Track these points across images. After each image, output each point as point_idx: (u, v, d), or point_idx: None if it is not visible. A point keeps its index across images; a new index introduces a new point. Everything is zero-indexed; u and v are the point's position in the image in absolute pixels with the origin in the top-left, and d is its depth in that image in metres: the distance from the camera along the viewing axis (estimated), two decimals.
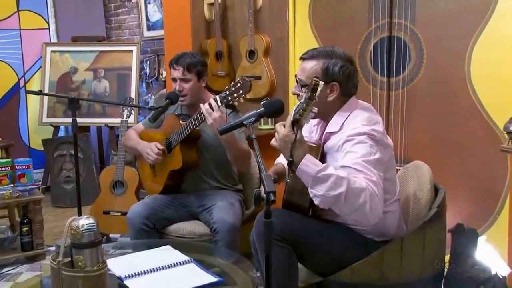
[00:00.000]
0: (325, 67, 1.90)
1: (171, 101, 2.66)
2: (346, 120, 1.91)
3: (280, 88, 3.69)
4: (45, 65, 4.94)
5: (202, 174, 2.73)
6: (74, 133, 2.68)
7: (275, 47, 3.69)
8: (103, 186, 3.60)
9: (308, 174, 1.71)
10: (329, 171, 1.69)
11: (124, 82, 4.86)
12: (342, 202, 1.68)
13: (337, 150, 1.85)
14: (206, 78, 2.72)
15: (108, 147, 5.19)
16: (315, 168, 1.70)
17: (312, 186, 1.72)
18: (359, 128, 1.82)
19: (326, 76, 1.89)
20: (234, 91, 2.19)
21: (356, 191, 1.67)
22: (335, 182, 1.67)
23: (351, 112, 1.93)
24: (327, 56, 1.91)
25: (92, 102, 4.86)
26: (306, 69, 1.93)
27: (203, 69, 2.69)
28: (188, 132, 2.52)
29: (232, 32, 3.95)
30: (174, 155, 2.65)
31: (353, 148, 1.78)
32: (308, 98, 1.64)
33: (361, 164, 1.74)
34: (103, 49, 4.97)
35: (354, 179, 1.69)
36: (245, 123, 1.84)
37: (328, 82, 1.88)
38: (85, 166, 4.72)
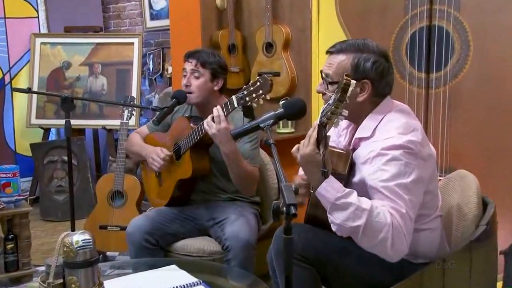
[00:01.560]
0: (356, 62, 1.90)
1: (178, 101, 2.68)
2: (379, 125, 1.91)
3: (302, 86, 3.69)
4: (34, 59, 5.00)
5: (213, 183, 2.75)
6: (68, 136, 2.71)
7: (296, 39, 3.70)
8: (99, 197, 3.63)
9: (327, 200, 1.75)
10: (350, 199, 1.73)
11: (124, 78, 4.90)
12: (360, 235, 1.72)
13: (365, 162, 1.85)
14: (221, 82, 2.74)
15: (106, 152, 5.23)
16: (335, 194, 1.74)
17: (330, 212, 1.76)
18: (394, 139, 1.81)
19: (357, 72, 1.89)
20: (252, 91, 2.20)
21: (378, 225, 1.70)
22: (355, 213, 1.70)
23: (385, 115, 1.92)
24: (357, 50, 1.92)
25: (87, 101, 4.91)
26: (333, 64, 1.93)
27: (220, 70, 2.71)
28: (199, 137, 2.53)
29: (247, 22, 3.97)
30: (183, 163, 2.67)
31: (385, 166, 1.79)
32: (338, 100, 1.64)
33: (391, 189, 1.75)
34: (100, 41, 5.02)
35: (378, 211, 1.71)
36: (262, 126, 1.84)
37: (358, 79, 1.88)
38: (79, 174, 4.76)
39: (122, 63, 4.94)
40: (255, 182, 2.66)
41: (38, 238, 4.15)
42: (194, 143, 2.58)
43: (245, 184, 2.61)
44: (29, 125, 4.96)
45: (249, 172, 2.57)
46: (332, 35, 3.33)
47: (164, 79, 5.20)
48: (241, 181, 2.58)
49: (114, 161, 4.20)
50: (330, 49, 1.98)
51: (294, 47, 3.72)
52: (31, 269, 3.32)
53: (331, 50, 1.98)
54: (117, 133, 4.82)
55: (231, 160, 2.49)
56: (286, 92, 3.68)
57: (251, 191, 2.70)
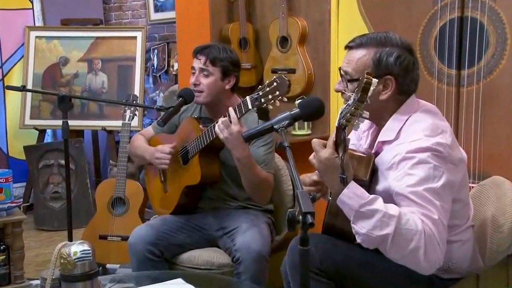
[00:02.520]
0: (377, 57, 1.90)
1: (184, 100, 2.68)
2: (403, 126, 1.91)
3: (319, 84, 3.69)
4: (28, 54, 5.03)
5: (223, 190, 2.76)
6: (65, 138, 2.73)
7: (313, 32, 3.69)
8: (99, 205, 3.64)
9: (350, 207, 1.75)
10: (376, 205, 1.72)
11: (126, 76, 4.93)
12: (389, 245, 1.71)
13: (390, 167, 1.85)
14: (233, 81, 2.74)
15: (106, 156, 5.26)
16: (359, 201, 1.73)
17: (354, 221, 1.76)
18: (421, 141, 1.81)
19: (379, 68, 1.89)
20: (268, 92, 2.20)
21: (408, 233, 1.69)
22: (382, 221, 1.70)
23: (410, 115, 1.92)
24: (379, 44, 1.92)
25: (86, 100, 4.93)
26: (353, 60, 1.94)
27: (232, 68, 2.71)
28: (209, 140, 2.54)
29: (260, 15, 3.97)
30: (191, 168, 2.68)
31: (412, 170, 1.78)
32: (358, 100, 1.64)
33: (420, 194, 1.75)
34: (100, 35, 5.05)
35: (407, 218, 1.70)
36: (276, 127, 1.85)
37: (381, 76, 1.89)
38: (77, 179, 4.78)
39: (123, 59, 4.96)
40: (269, 189, 2.66)
41: (32, 249, 4.17)
42: (203, 147, 2.58)
43: (259, 191, 2.61)
44: (22, 126, 4.99)
45: (263, 179, 2.57)
46: (353, 28, 3.33)
47: (170, 76, 5.22)
48: (254, 189, 2.59)
49: (115, 165, 4.22)
50: (349, 44, 1.99)
51: (311, 41, 3.72)
52: (24, 283, 3.32)
53: (351, 45, 1.98)
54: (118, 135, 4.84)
55: (243, 166, 2.49)
56: (302, 90, 3.68)
57: (264, 200, 2.70)
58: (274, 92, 2.19)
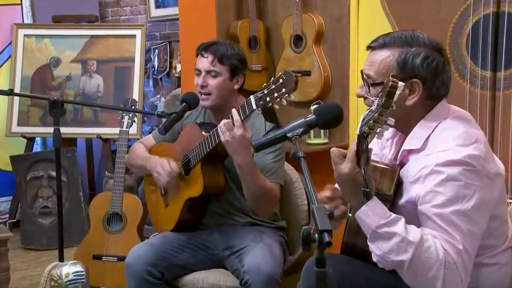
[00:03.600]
0: (403, 58, 1.90)
1: (188, 106, 2.69)
2: (432, 134, 1.91)
3: (338, 87, 3.68)
4: (16, 54, 5.05)
5: (230, 203, 2.76)
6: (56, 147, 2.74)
7: (331, 30, 3.70)
8: (93, 221, 3.65)
9: (367, 226, 1.76)
10: (395, 228, 1.73)
11: (123, 78, 4.94)
12: (404, 271, 1.73)
13: (416, 180, 1.85)
14: (241, 80, 2.76)
15: (101, 166, 5.27)
16: (377, 220, 1.74)
17: (370, 240, 1.78)
18: (452, 153, 1.81)
19: (404, 71, 1.89)
20: (274, 90, 2.21)
21: (427, 262, 1.70)
22: (399, 246, 1.71)
23: (440, 122, 1.92)
24: (405, 44, 1.92)
25: (80, 105, 4.94)
26: (375, 62, 1.94)
27: (241, 66, 2.74)
28: (212, 146, 2.55)
29: (272, 11, 3.98)
30: (193, 178, 2.69)
31: (439, 187, 1.78)
32: (382, 105, 1.63)
33: (446, 217, 1.75)
34: (95, 33, 5.07)
35: (429, 245, 1.71)
36: (289, 135, 1.85)
37: (407, 79, 1.88)
38: (69, 192, 4.79)
39: (121, 60, 4.97)
40: (274, 202, 2.66)
41: (19, 270, 4.17)
42: (205, 154, 2.59)
43: (261, 203, 2.61)
44: (9, 133, 5.00)
45: (267, 190, 2.57)
46: (374, 26, 3.33)
47: (172, 78, 5.23)
48: (256, 200, 2.58)
49: (111, 177, 4.24)
50: (372, 44, 1.99)
51: (328, 40, 3.72)
52: None
53: (373, 45, 1.98)
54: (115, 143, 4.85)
55: (245, 173, 2.49)
56: (319, 95, 3.68)
57: (268, 213, 2.70)
58: (280, 90, 2.19)
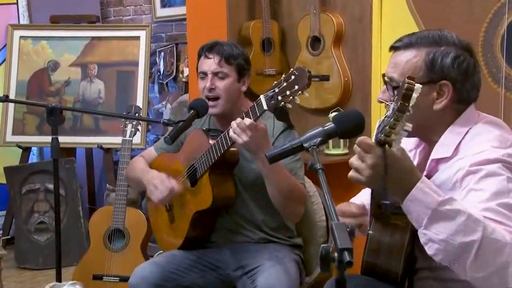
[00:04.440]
0: (431, 58, 1.89)
1: (197, 113, 2.69)
2: (463, 140, 1.90)
3: (359, 93, 3.68)
4: (11, 57, 5.08)
5: (241, 219, 2.77)
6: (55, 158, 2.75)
7: (351, 31, 3.70)
8: (93, 237, 3.66)
9: (425, 205, 1.66)
10: (457, 205, 1.65)
11: (127, 83, 4.96)
12: (472, 257, 1.63)
13: (452, 187, 1.83)
14: (247, 80, 2.79)
15: (102, 178, 5.28)
16: (436, 198, 1.66)
17: (427, 225, 1.67)
18: (488, 152, 1.80)
19: (433, 72, 1.89)
20: (285, 87, 2.21)
21: (497, 244, 1.63)
22: (466, 224, 1.63)
23: (471, 127, 1.91)
24: (433, 43, 1.92)
25: (79, 113, 4.96)
26: (400, 63, 1.93)
27: (246, 66, 2.76)
28: (220, 153, 2.55)
29: (287, 11, 3.99)
30: (200, 189, 2.70)
31: (480, 184, 1.76)
32: (398, 110, 1.62)
33: (494, 209, 1.71)
34: (96, 34, 5.09)
35: (493, 227, 1.65)
36: (306, 145, 1.85)
37: (434, 81, 1.88)
38: (67, 207, 4.79)
39: (124, 63, 5.00)
40: (302, 200, 2.65)
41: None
42: (213, 162, 2.59)
43: (290, 202, 2.59)
44: (3, 143, 5.03)
45: (294, 186, 2.56)
46: (399, 26, 3.33)
47: (179, 84, 5.24)
48: (285, 199, 2.55)
49: (112, 190, 4.25)
50: (396, 44, 1.98)
51: (349, 42, 3.73)
52: None
53: (397, 45, 1.98)
54: (117, 153, 4.87)
55: (270, 169, 2.46)
56: (338, 101, 3.68)
57: (297, 214, 2.68)
58: (293, 87, 2.19)
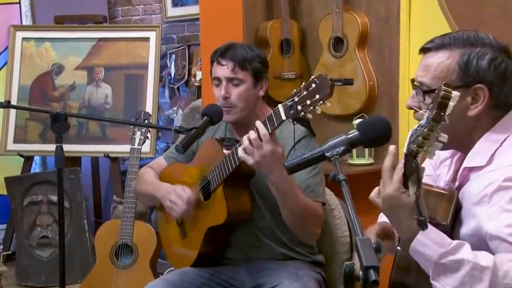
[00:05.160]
0: (465, 60, 1.88)
1: (211, 120, 2.70)
2: (499, 149, 1.89)
3: (385, 98, 3.68)
4: (13, 60, 5.10)
5: (258, 232, 2.76)
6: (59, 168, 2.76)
7: (377, 32, 3.70)
8: (99, 253, 3.68)
9: (427, 258, 1.73)
10: (461, 254, 1.71)
11: (135, 88, 4.98)
12: None
13: (480, 201, 1.83)
14: (265, 85, 2.79)
15: (109, 190, 5.30)
16: (438, 249, 1.72)
17: (434, 277, 1.74)
18: None
19: (467, 74, 1.88)
20: (306, 97, 2.20)
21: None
22: (471, 274, 1.68)
23: (508, 135, 1.90)
24: (467, 44, 1.90)
25: (85, 119, 4.98)
26: (431, 66, 1.93)
27: (263, 69, 2.76)
28: (235, 165, 2.55)
29: (308, 10, 4.00)
30: (214, 203, 2.70)
31: (510, 204, 1.76)
32: (433, 119, 1.62)
33: None
34: (103, 35, 5.11)
35: (506, 269, 1.69)
36: (328, 155, 1.84)
37: (469, 85, 1.87)
38: (71, 220, 4.80)
39: (133, 67, 5.02)
40: (318, 222, 2.64)
41: None
42: (228, 175, 2.59)
43: (304, 225, 2.60)
44: (4, 151, 5.05)
45: (310, 209, 2.56)
46: (430, 26, 3.32)
47: (191, 88, 5.26)
48: (298, 222, 2.57)
49: (120, 203, 4.26)
50: (427, 45, 1.97)
51: (374, 43, 3.72)
52: None
53: (428, 46, 1.97)
54: (124, 163, 4.88)
55: (283, 193, 2.48)
56: (363, 107, 3.68)
57: (312, 236, 2.69)
58: (313, 96, 2.17)
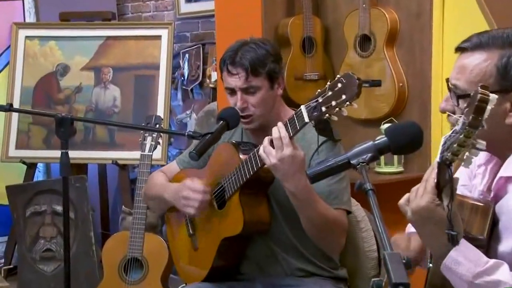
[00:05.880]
0: (504, 63, 1.88)
1: (227, 124, 2.70)
2: None
3: (416, 101, 3.67)
4: (16, 60, 5.15)
5: (276, 245, 2.76)
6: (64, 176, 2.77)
7: (408, 29, 3.70)
8: (107, 268, 3.69)
9: (460, 277, 1.73)
10: (498, 275, 1.71)
11: (146, 90, 5.00)
12: None
13: None
14: (282, 82, 2.78)
15: (117, 199, 5.32)
16: (473, 268, 1.72)
17: None
18: None
19: (506, 78, 1.87)
20: (331, 97, 2.20)
21: None
22: None
23: None
24: (507, 45, 1.90)
25: (92, 123, 5.01)
26: (467, 68, 1.93)
27: (276, 66, 2.73)
28: (252, 171, 2.55)
29: (332, 5, 4.00)
30: (229, 212, 2.70)
31: None
32: (469, 125, 1.61)
33: None
34: (111, 33, 5.15)
35: None
36: (354, 162, 1.85)
37: (508, 90, 1.87)
38: (77, 232, 4.82)
39: (143, 67, 5.04)
40: (341, 233, 2.63)
41: None
42: (245, 182, 2.59)
43: (325, 236, 2.59)
44: (6, 158, 5.10)
45: (331, 219, 2.55)
46: (466, 23, 3.31)
47: (205, 90, 5.26)
48: (319, 233, 2.57)
49: (129, 213, 4.28)
50: (463, 45, 1.97)
51: (404, 41, 3.72)
52: None
53: (465, 46, 1.97)
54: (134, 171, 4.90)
55: (301, 202, 2.48)
56: (391, 110, 3.68)
57: (335, 248, 2.68)
58: (339, 97, 2.17)
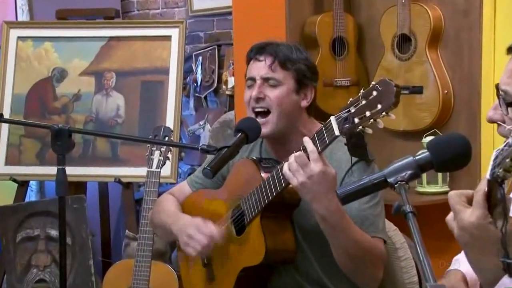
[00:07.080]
0: None
1: (246, 137, 2.70)
2: None
3: (463, 110, 3.67)
4: (6, 64, 5.17)
5: (301, 278, 2.77)
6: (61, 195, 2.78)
7: (454, 28, 3.70)
8: None
9: None
10: None
11: (153, 97, 5.02)
12: None
13: None
14: (311, 95, 2.78)
15: (120, 222, 5.34)
16: None
17: None
18: None
19: None
20: (365, 107, 2.20)
21: None
22: None
23: None
24: None
25: (92, 136, 5.02)
26: None
27: (309, 74, 2.75)
28: (275, 192, 2.56)
29: (366, 1, 4.01)
30: (249, 239, 2.71)
31: None
32: None
33: None
34: (115, 34, 5.17)
35: None
36: (391, 181, 1.85)
37: None
38: (74, 260, 4.84)
39: (150, 71, 5.06)
40: (379, 264, 2.63)
41: None
42: (267, 204, 2.60)
43: (361, 268, 2.59)
44: None
45: (367, 246, 2.55)
46: None
47: (221, 98, 5.28)
48: (354, 264, 2.56)
49: (134, 239, 4.29)
50: None
51: (450, 42, 3.72)
52: None
53: None
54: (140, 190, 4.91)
55: (333, 227, 2.48)
56: (435, 121, 3.68)
57: (374, 281, 2.66)
58: (375, 106, 2.17)
